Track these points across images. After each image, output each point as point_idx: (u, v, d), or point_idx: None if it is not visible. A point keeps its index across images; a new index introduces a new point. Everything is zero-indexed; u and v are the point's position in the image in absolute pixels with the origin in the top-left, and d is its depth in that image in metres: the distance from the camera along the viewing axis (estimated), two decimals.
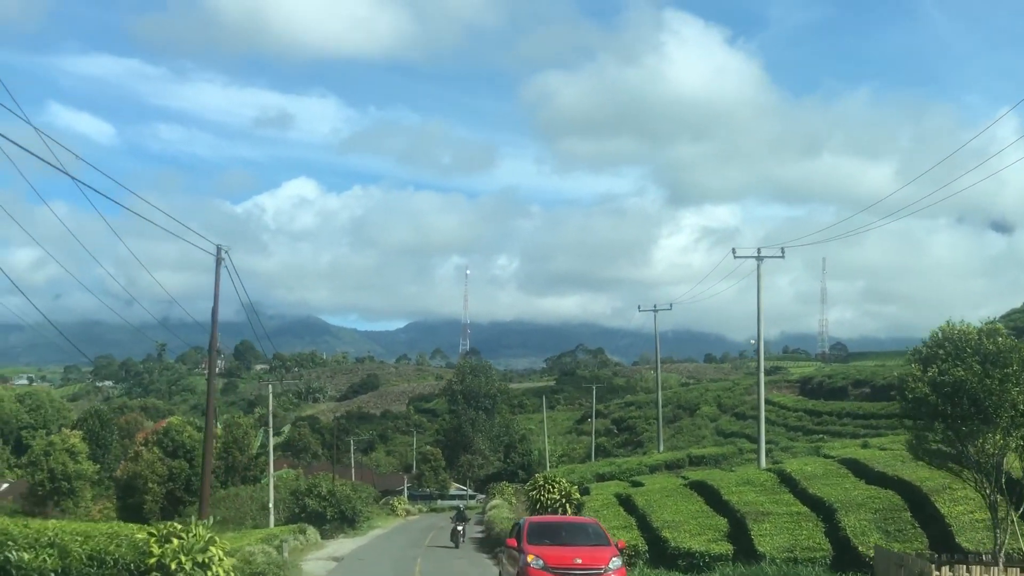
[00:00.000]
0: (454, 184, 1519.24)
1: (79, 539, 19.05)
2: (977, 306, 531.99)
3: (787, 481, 44.98)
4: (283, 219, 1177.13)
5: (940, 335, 30.32)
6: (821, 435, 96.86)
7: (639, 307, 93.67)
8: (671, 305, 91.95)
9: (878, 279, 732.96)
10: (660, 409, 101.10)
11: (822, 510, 39.28)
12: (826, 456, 58.13)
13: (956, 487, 38.29)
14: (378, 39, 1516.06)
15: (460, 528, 58.14)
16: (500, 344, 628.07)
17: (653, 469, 78.34)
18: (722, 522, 40.10)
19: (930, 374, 29.52)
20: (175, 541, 19.80)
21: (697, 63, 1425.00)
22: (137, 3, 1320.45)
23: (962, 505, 36.57)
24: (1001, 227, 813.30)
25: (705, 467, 76.01)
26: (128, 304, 45.03)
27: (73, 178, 24.83)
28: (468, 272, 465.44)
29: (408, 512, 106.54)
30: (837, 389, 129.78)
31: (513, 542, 29.66)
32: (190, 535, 20.02)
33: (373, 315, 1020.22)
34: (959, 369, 28.78)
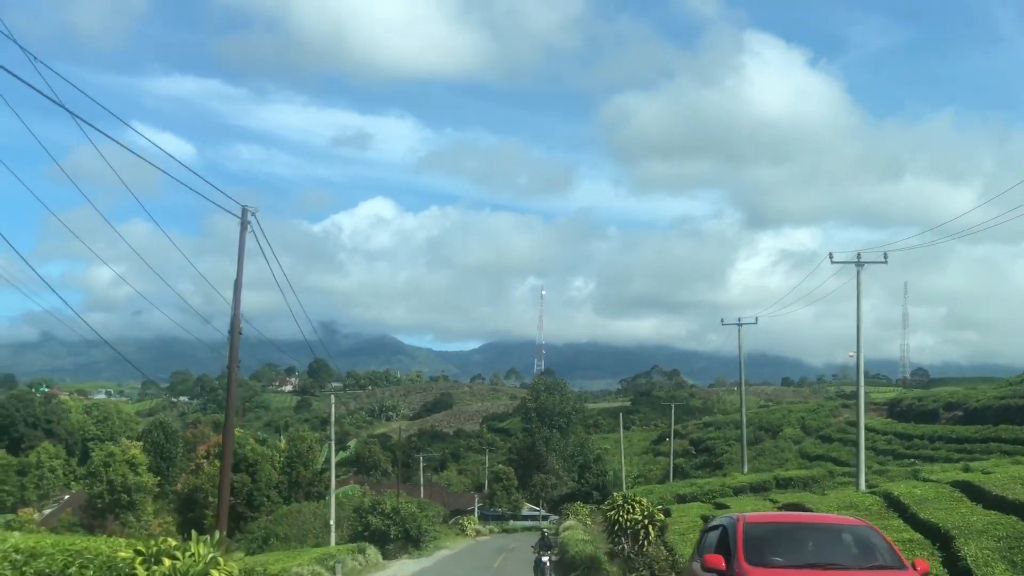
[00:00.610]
0: (530, 205, 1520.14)
1: (20, 558, 15.03)
2: None
3: (895, 505, 40.63)
4: (360, 238, 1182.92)
5: None
6: (912, 459, 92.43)
7: (722, 320, 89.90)
8: (756, 319, 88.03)
9: (960, 305, 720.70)
10: (744, 428, 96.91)
11: (937, 537, 34.95)
12: (925, 479, 53.84)
13: None
14: (456, 60, 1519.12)
15: (546, 560, 46.91)
16: (575, 365, 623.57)
17: (737, 491, 74.09)
18: None
19: None
20: (167, 562, 15.97)
21: (778, 85, 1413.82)
22: (219, 25, 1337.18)
23: None
24: None
25: (793, 489, 71.78)
26: (206, 322, 42.70)
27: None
28: (543, 293, 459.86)
29: (478, 532, 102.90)
30: (928, 412, 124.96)
31: (716, 560, 16.88)
32: (187, 555, 16.18)
33: (448, 335, 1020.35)
34: None
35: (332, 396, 79.07)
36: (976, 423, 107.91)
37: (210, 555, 16.55)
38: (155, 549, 16.44)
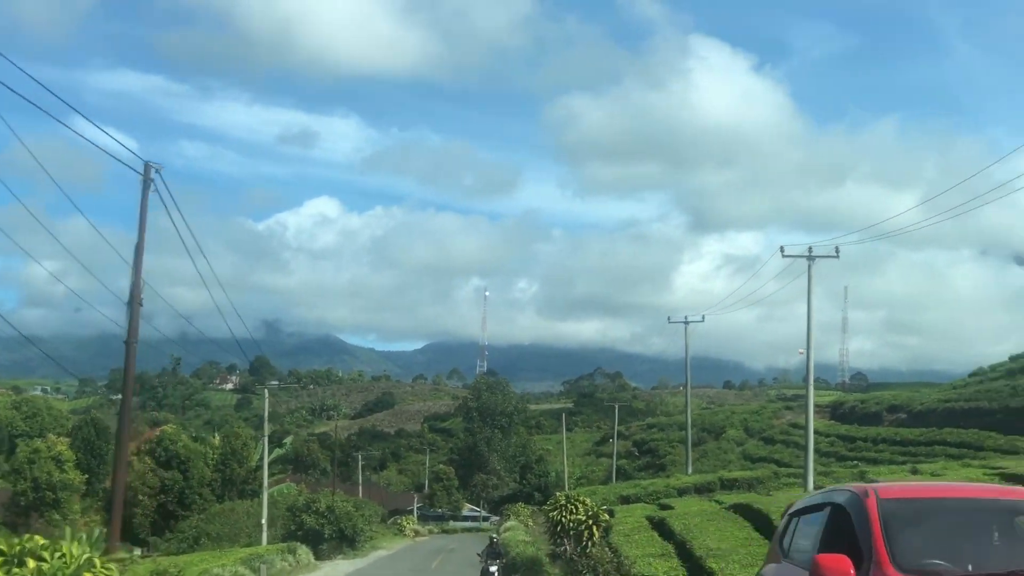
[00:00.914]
0: (476, 206, 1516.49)
1: None
2: (999, 340, 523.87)
3: None
4: (304, 238, 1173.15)
5: None
6: (855, 461, 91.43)
7: (669, 319, 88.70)
8: (703, 317, 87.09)
9: (900, 310, 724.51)
10: (689, 429, 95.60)
11: None
12: (872, 481, 52.40)
13: None
14: (402, 59, 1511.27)
15: (494, 570, 42.00)
16: (517, 367, 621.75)
17: (682, 492, 72.56)
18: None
19: None
20: (31, 564, 13.81)
21: (723, 89, 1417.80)
22: (163, 20, 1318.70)
23: None
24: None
25: (738, 491, 70.29)
26: (147, 320, 40.80)
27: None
28: (487, 294, 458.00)
29: (417, 533, 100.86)
30: (871, 415, 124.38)
31: (839, 566, 9.64)
32: (56, 556, 14.00)
33: (391, 335, 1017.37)
34: None
35: (266, 391, 76.65)
36: (919, 426, 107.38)
37: (84, 556, 14.40)
38: (18, 549, 14.28)
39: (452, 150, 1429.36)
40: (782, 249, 51.95)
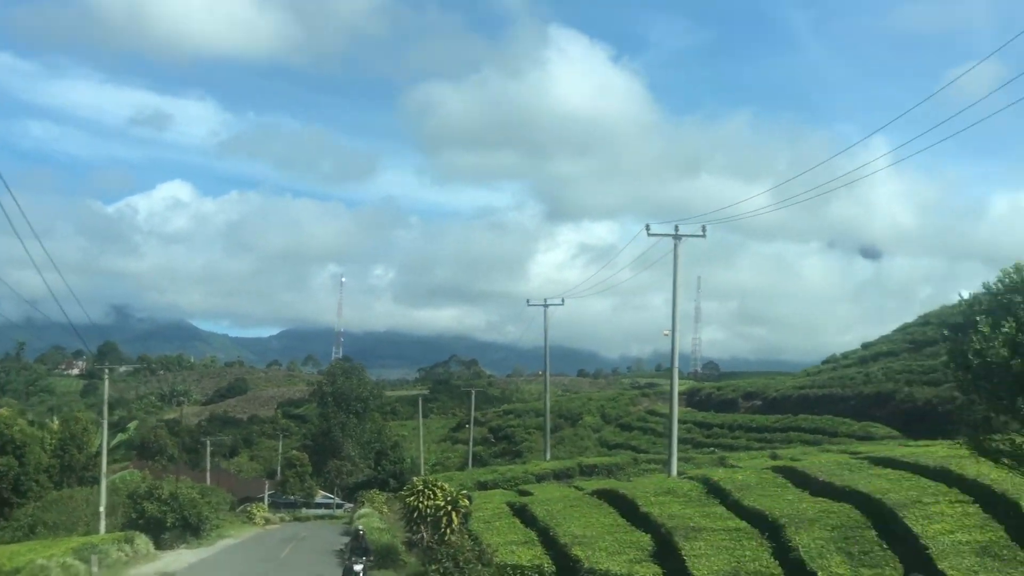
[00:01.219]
0: (333, 192, 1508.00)
1: None
2: (844, 331, 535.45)
3: (715, 491, 37.75)
4: (156, 221, 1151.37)
5: (1018, 275, 22.64)
6: (712, 448, 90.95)
7: (528, 301, 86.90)
8: (563, 300, 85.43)
9: (750, 301, 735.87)
10: (548, 411, 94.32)
11: (765, 526, 32.14)
12: (733, 467, 51.65)
13: (927, 500, 31.51)
14: (260, 42, 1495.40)
15: (359, 569, 36.43)
16: (373, 354, 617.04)
17: (540, 478, 71.25)
18: (644, 538, 32.75)
19: (1006, 330, 21.99)
20: None
21: (581, 80, 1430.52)
22: None
23: (938, 523, 29.61)
24: (870, 253, 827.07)
25: (597, 477, 69.27)
26: None
27: None
28: (344, 280, 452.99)
29: (268, 521, 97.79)
30: (727, 401, 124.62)
31: None
32: None
33: (246, 322, 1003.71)
34: None
35: (107, 373, 73.09)
36: (774, 413, 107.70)
37: None
38: None
39: (310, 136, 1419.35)
40: (648, 227, 50.53)
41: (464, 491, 40.40)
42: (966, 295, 24.50)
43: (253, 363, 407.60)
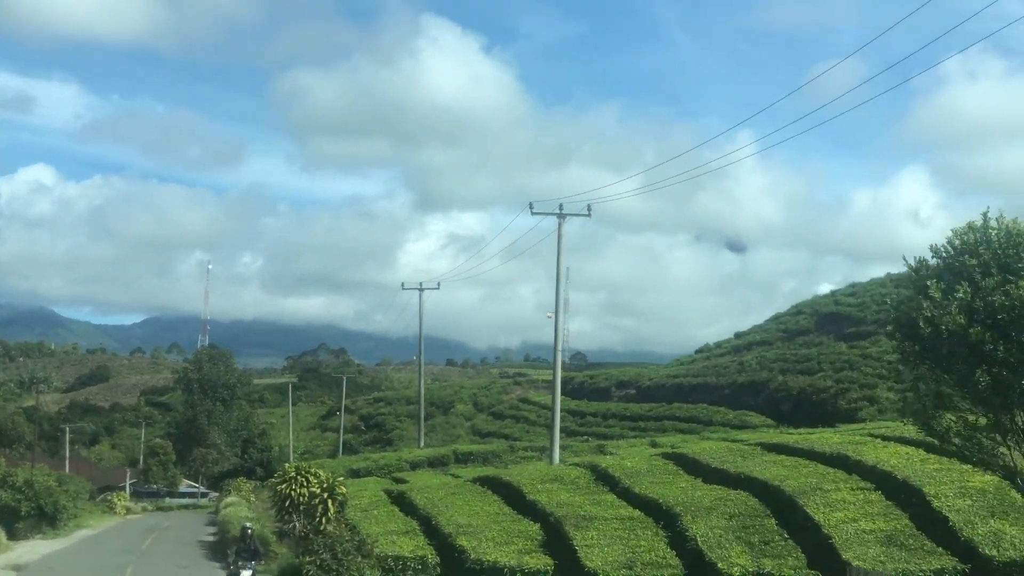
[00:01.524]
0: (201, 178, 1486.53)
1: None
2: (710, 323, 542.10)
3: (604, 478, 36.22)
4: (17, 205, 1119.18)
5: (971, 236, 20.68)
6: (587, 436, 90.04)
7: (403, 285, 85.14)
8: (439, 284, 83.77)
9: (618, 293, 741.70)
10: (422, 401, 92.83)
11: (659, 514, 30.70)
12: (612, 454, 50.38)
13: (827, 487, 30.34)
14: (126, 25, 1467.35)
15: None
16: (240, 343, 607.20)
17: (414, 466, 69.63)
18: (532, 528, 31.06)
19: (960, 295, 20.24)
20: None
21: (452, 69, 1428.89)
22: None
23: (840, 511, 28.44)
24: (736, 247, 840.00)
25: (473, 464, 67.82)
26: None
27: None
28: (210, 267, 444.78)
29: (129, 510, 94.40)
30: (600, 390, 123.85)
31: None
32: None
33: (109, 309, 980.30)
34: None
35: None
36: (648, 401, 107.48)
37: None
38: None
39: (177, 121, 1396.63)
40: (531, 206, 48.93)
41: (340, 478, 38.23)
42: (911, 260, 22.53)
43: (116, 350, 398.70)
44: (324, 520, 33.82)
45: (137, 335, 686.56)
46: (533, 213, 48.99)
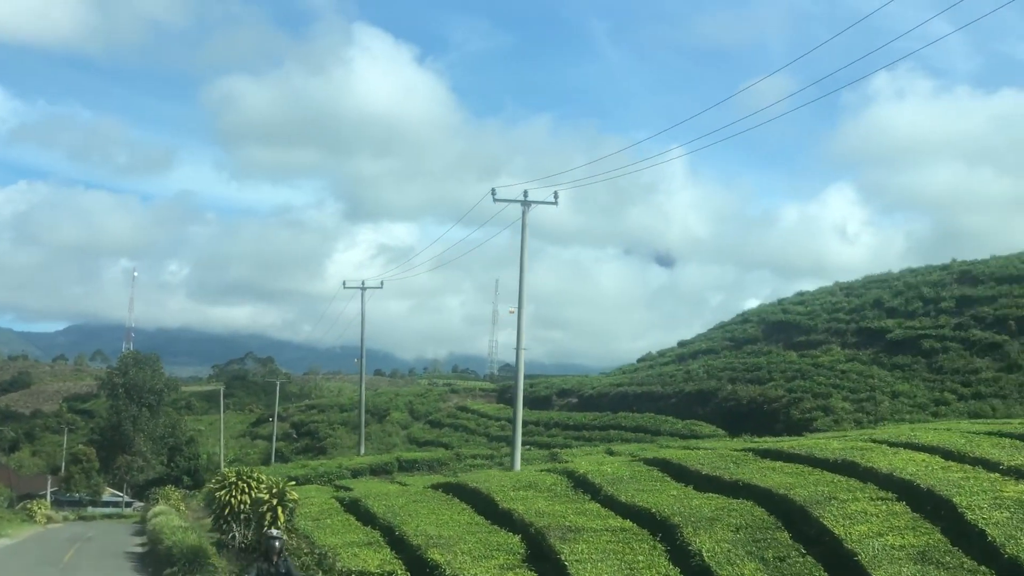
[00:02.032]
0: (127, 185, 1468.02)
1: None
2: (638, 336, 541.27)
3: (583, 485, 32.81)
4: None
5: None
6: (528, 445, 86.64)
7: (344, 283, 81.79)
8: (382, 283, 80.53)
9: (546, 305, 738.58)
10: (363, 406, 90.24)
11: (653, 525, 27.30)
12: (566, 463, 46.96)
13: (843, 497, 27.09)
14: (53, 29, 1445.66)
15: None
16: (166, 351, 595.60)
17: (356, 473, 66.40)
18: (512, 540, 27.52)
19: None
20: None
21: (384, 79, 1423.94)
22: None
23: (862, 524, 25.11)
24: (664, 261, 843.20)
25: (419, 472, 64.36)
26: None
27: None
28: (136, 275, 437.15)
29: (50, 519, 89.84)
30: (540, 399, 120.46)
31: None
32: None
33: (31, 316, 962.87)
34: None
35: None
36: (591, 410, 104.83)
37: None
38: None
39: (104, 127, 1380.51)
40: (493, 192, 45.61)
41: (292, 483, 34.52)
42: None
43: (38, 358, 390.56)
44: (274, 529, 30.10)
45: (60, 343, 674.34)
46: (496, 200, 45.66)
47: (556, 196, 45.95)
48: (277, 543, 19.58)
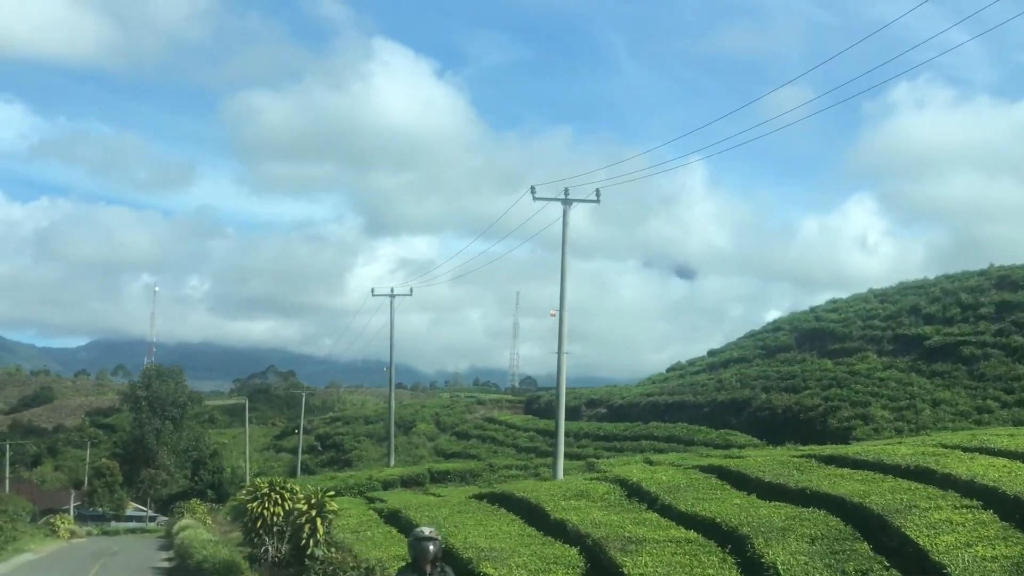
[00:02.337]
0: (149, 201, 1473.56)
1: None
2: (659, 348, 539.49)
3: (637, 493, 30.99)
4: None
5: None
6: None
7: (373, 291, 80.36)
8: (411, 290, 79.35)
9: (569, 318, 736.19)
10: (392, 416, 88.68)
11: (719, 536, 25.45)
12: (604, 472, 45.17)
13: (923, 505, 25.17)
14: (74, 45, 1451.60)
15: None
16: (187, 366, 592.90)
17: (387, 485, 64.70)
18: (570, 552, 25.68)
19: None
20: None
21: (404, 93, 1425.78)
22: None
23: (948, 534, 23.13)
24: (684, 273, 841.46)
25: (451, 484, 62.56)
26: None
27: None
28: (157, 289, 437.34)
29: (73, 534, 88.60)
30: (570, 409, 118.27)
31: None
32: None
33: (53, 332, 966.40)
34: None
35: None
36: (621, 421, 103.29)
37: None
38: None
39: (125, 142, 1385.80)
40: (532, 189, 43.96)
41: (331, 492, 32.80)
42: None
43: (60, 373, 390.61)
44: (312, 542, 28.41)
45: (82, 358, 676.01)
46: (535, 198, 44.00)
47: (598, 194, 44.29)
48: (432, 546, 13.70)
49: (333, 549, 27.16)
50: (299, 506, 30.27)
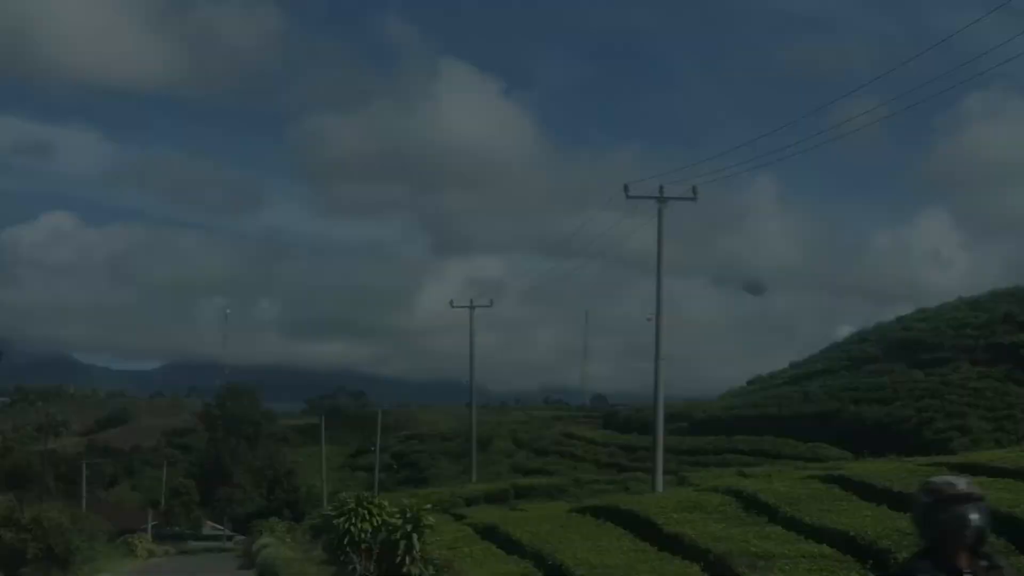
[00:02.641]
0: (219, 224, 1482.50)
1: None
2: (728, 365, 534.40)
3: (755, 506, 28.79)
4: (38, 253, 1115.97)
5: None
6: (637, 471, 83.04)
7: (452, 303, 78.51)
8: (491, 302, 77.53)
9: (636, 336, 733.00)
10: (475, 429, 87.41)
11: (855, 550, 23.22)
12: (696, 486, 43.02)
13: None
14: (147, 72, 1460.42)
15: None
16: (259, 387, 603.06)
17: (471, 501, 62.80)
18: (692, 569, 23.59)
19: None
20: None
21: (471, 112, 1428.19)
22: None
23: None
24: (754, 289, 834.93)
25: (536, 499, 60.49)
26: None
27: None
28: (228, 312, 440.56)
29: (151, 553, 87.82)
30: (648, 424, 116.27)
31: None
32: None
33: (129, 354, 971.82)
34: None
35: None
36: (702, 434, 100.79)
37: None
38: None
39: (196, 166, 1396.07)
40: (626, 188, 42.01)
41: (428, 506, 30.91)
42: None
43: (135, 395, 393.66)
44: (408, 559, 26.47)
45: (156, 380, 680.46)
46: (629, 197, 42.16)
47: (695, 191, 42.32)
48: (976, 515, 6.07)
49: (431, 567, 25.22)
50: (393, 520, 28.35)
